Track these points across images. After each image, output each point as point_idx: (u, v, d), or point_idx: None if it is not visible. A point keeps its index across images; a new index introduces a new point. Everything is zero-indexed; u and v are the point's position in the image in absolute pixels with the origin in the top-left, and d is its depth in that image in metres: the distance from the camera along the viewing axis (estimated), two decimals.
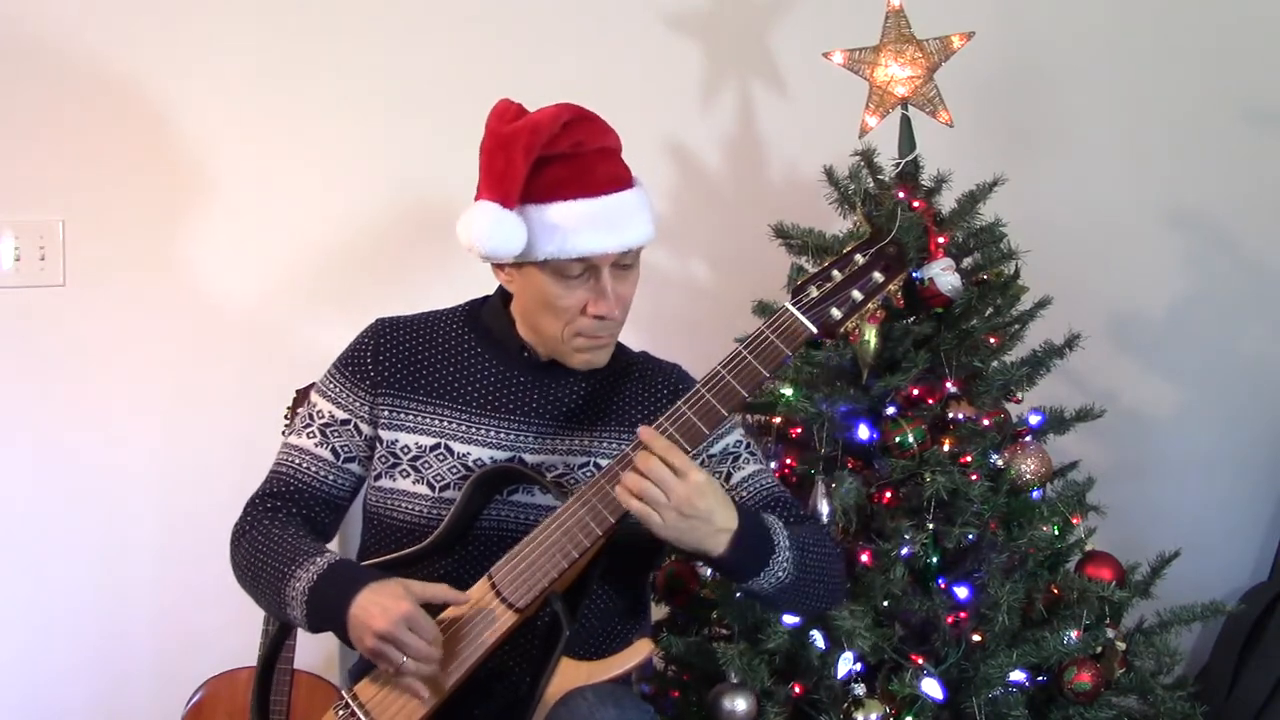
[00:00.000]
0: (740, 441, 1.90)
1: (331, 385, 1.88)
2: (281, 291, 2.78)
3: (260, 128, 2.77)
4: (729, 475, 1.87)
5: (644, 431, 1.66)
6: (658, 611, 2.34)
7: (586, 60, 2.81)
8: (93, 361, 2.73)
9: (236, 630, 2.53)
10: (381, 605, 1.63)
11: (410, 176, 2.80)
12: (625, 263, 1.80)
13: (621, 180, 1.79)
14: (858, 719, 2.07)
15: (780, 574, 1.72)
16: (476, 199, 1.77)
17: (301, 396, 2.53)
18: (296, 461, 1.87)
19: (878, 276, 1.73)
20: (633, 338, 1.97)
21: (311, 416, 1.88)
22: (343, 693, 1.75)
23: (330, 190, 2.79)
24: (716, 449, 1.87)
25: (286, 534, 1.78)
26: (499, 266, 1.83)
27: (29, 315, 2.72)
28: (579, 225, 1.74)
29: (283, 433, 2.52)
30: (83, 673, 2.72)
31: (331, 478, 1.87)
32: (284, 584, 1.72)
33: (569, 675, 1.70)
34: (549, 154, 1.73)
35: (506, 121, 1.76)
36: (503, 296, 1.91)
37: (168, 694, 2.63)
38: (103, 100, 2.73)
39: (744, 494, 1.85)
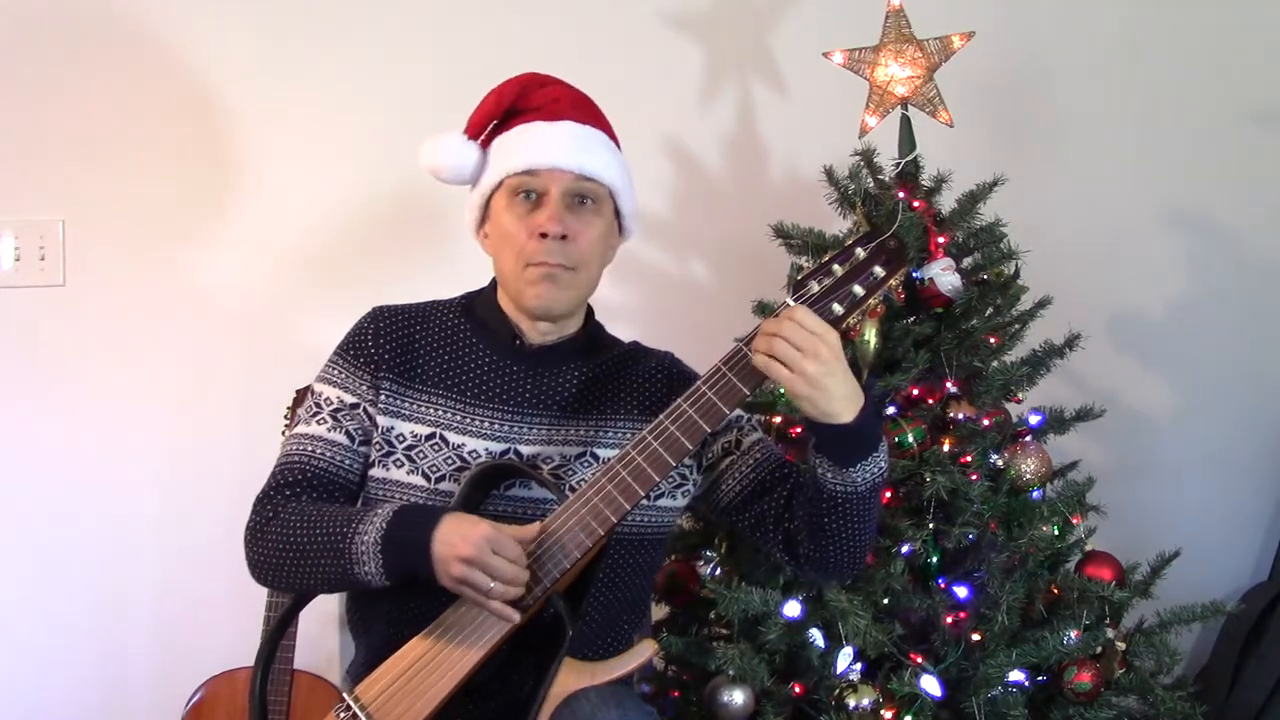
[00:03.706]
0: (742, 415, 1.92)
1: (336, 372, 1.87)
2: (283, 292, 2.78)
3: (262, 128, 2.78)
4: (738, 442, 1.89)
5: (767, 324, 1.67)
6: (658, 611, 2.35)
7: (587, 60, 2.80)
8: (93, 361, 2.73)
9: (236, 630, 2.53)
10: (463, 532, 1.63)
11: (413, 178, 2.76)
12: (583, 193, 1.83)
13: (594, 124, 1.87)
14: (849, 704, 2.07)
15: (881, 466, 1.74)
16: None
17: (302, 396, 2.53)
18: (310, 449, 1.83)
19: (879, 271, 1.72)
20: (632, 337, 1.97)
21: (319, 405, 1.85)
22: (344, 695, 1.74)
23: (331, 190, 2.79)
24: (719, 426, 1.87)
25: (325, 506, 1.76)
26: (480, 231, 1.89)
27: (29, 315, 2.72)
28: (534, 140, 1.82)
29: (282, 432, 2.52)
30: (83, 672, 2.72)
31: (348, 462, 1.83)
32: (347, 543, 1.68)
33: (572, 675, 1.69)
34: (522, 106, 1.84)
35: None
36: (494, 286, 1.91)
37: (168, 694, 2.63)
38: (103, 100, 2.74)
39: (757, 456, 1.87)
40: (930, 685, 2.09)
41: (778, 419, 2.33)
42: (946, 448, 2.22)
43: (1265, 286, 3.00)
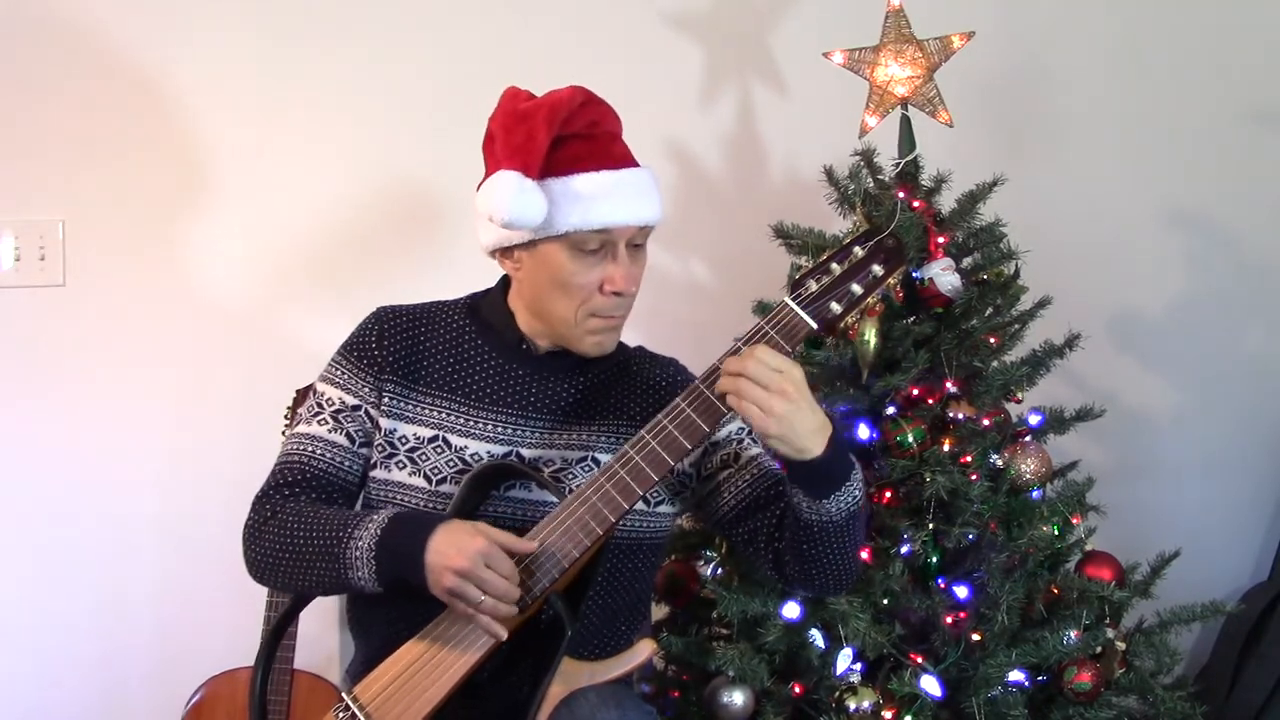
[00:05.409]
0: (742, 428, 1.91)
1: (339, 372, 1.86)
2: (283, 291, 2.78)
3: (261, 128, 2.77)
4: (736, 455, 1.87)
5: (730, 362, 1.65)
6: (658, 611, 2.35)
7: (586, 60, 2.81)
8: (93, 361, 2.73)
9: (236, 630, 2.53)
10: (458, 544, 1.62)
11: (413, 178, 2.80)
12: (638, 242, 1.81)
13: (633, 160, 1.82)
14: (850, 706, 2.07)
15: (856, 493, 1.72)
16: (486, 177, 1.78)
17: (302, 396, 2.53)
18: (310, 449, 1.82)
19: (877, 269, 1.72)
20: (632, 337, 1.97)
21: (321, 405, 1.85)
22: (343, 695, 1.74)
23: (331, 190, 2.79)
24: (720, 436, 1.88)
25: (322, 508, 1.76)
26: (506, 254, 1.83)
27: (29, 315, 2.72)
28: (603, 195, 1.75)
29: (282, 432, 2.52)
30: (83, 672, 2.72)
31: (347, 463, 1.83)
32: (342, 547, 1.68)
33: (571, 675, 1.69)
34: (566, 132, 1.75)
35: (520, 101, 1.78)
36: (502, 289, 1.91)
37: (168, 694, 2.63)
38: (103, 100, 2.73)
39: (754, 471, 1.86)
40: (930, 685, 2.09)
41: None
42: (946, 448, 2.22)
43: (1265, 286, 3.00)
